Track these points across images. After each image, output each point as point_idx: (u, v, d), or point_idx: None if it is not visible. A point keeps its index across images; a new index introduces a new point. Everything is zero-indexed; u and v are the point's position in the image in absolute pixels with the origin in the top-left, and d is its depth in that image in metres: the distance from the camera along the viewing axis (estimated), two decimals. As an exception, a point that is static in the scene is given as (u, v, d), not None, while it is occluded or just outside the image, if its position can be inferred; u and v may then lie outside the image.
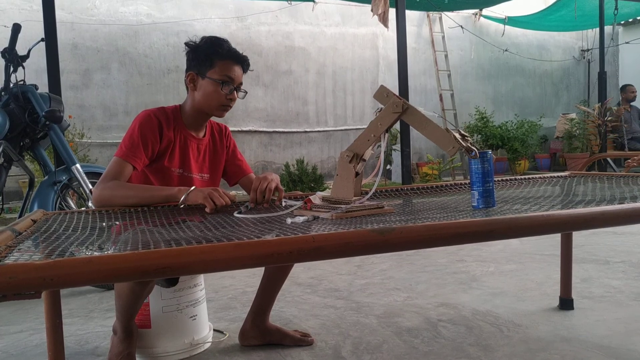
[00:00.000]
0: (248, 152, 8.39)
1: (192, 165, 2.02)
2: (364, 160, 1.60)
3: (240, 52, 2.00)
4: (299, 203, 1.67)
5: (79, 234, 1.28)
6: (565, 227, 1.19)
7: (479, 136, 9.35)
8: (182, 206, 1.75)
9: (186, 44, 1.99)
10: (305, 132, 8.97)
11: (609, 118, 8.36)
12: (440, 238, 1.04)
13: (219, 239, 1.13)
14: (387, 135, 1.53)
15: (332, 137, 9.19)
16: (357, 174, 1.59)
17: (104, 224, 1.49)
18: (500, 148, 9.27)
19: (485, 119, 9.36)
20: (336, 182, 1.59)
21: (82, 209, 3.12)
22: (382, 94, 1.53)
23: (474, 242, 1.09)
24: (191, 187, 1.77)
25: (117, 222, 1.59)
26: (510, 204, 1.62)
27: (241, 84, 2.00)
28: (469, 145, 1.42)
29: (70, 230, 1.34)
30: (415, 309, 2.53)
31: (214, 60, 1.93)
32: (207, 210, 1.68)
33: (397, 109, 1.48)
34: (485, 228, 1.06)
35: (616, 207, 1.21)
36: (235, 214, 1.62)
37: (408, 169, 5.90)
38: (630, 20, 10.98)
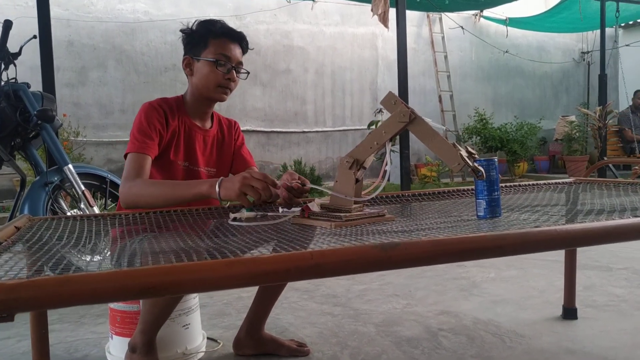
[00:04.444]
0: (245, 152, 8.31)
1: (198, 158, 1.93)
2: (365, 167, 1.53)
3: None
4: (296, 210, 1.60)
5: (64, 244, 1.21)
6: (579, 242, 1.13)
7: (478, 138, 9.29)
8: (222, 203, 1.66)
9: (181, 30, 1.90)
10: (304, 132, 8.90)
11: (610, 121, 8.33)
12: (447, 254, 0.97)
13: (211, 252, 1.06)
14: (390, 143, 1.47)
15: (330, 138, 9.12)
16: (357, 180, 1.53)
17: (91, 230, 1.42)
18: (499, 150, 9.21)
19: (484, 121, 9.30)
20: (335, 189, 1.53)
21: (71, 212, 3.05)
22: (389, 101, 1.46)
23: (483, 258, 1.03)
24: (218, 178, 1.60)
25: (110, 228, 1.52)
26: (517, 213, 1.56)
27: (241, 63, 1.90)
28: (476, 165, 1.36)
29: (54, 240, 1.27)
30: (414, 317, 2.46)
31: (207, 39, 1.84)
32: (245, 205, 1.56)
33: (403, 119, 1.41)
34: (495, 243, 1.00)
35: (631, 221, 1.15)
36: (230, 222, 1.56)
37: (407, 170, 5.84)
38: (631, 22, 10.93)
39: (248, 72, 1.94)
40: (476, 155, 1.43)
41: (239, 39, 1.90)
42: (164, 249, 1.16)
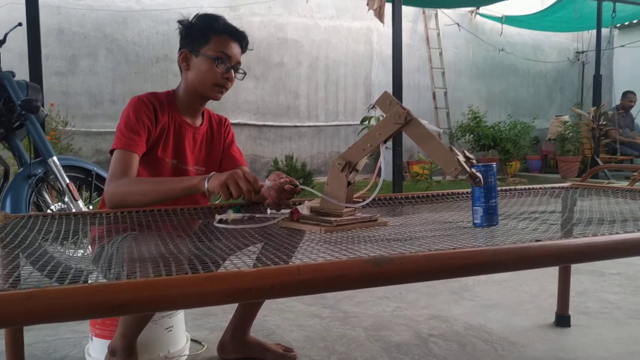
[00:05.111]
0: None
1: (187, 156, 1.84)
2: (357, 170, 1.47)
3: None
4: (285, 212, 1.54)
5: (36, 248, 1.14)
6: (583, 258, 1.07)
7: (471, 136, 9.24)
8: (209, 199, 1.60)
9: (179, 21, 1.82)
10: (296, 126, 8.81)
11: (604, 122, 8.32)
12: (445, 270, 0.91)
13: (191, 261, 1.00)
14: (384, 145, 1.40)
15: (322, 133, 9.04)
16: (349, 183, 1.46)
17: (68, 235, 1.35)
18: (492, 149, 9.17)
19: (478, 119, 9.25)
20: (326, 192, 1.46)
21: (55, 206, 2.97)
22: (384, 101, 1.39)
23: (483, 274, 0.97)
24: (209, 174, 1.55)
25: (89, 229, 1.45)
26: (514, 220, 1.50)
27: (239, 63, 1.82)
28: (474, 171, 1.30)
29: (27, 242, 1.20)
30: (405, 321, 2.40)
31: (209, 35, 1.76)
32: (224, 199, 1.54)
33: (399, 120, 1.35)
34: (496, 259, 0.94)
35: (637, 235, 1.09)
36: (215, 223, 1.49)
37: (399, 168, 5.78)
38: (627, 23, 10.90)
39: (245, 73, 1.87)
40: (474, 161, 1.37)
41: (240, 37, 1.83)
42: (142, 255, 1.10)
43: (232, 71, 1.80)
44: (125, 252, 1.15)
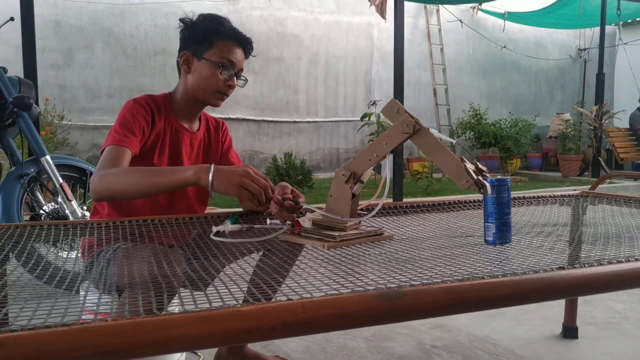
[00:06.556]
0: (235, 141, 8.06)
1: (184, 162, 1.75)
2: (362, 181, 1.39)
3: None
4: (285, 227, 1.46)
5: (13, 270, 1.06)
6: (611, 287, 1.00)
7: (472, 133, 9.16)
8: (212, 195, 1.48)
9: (181, 20, 1.72)
10: (295, 122, 8.72)
11: (607, 121, 8.24)
12: (462, 304, 0.83)
13: (184, 285, 0.92)
14: (391, 156, 1.32)
15: (322, 128, 8.95)
16: (353, 195, 1.38)
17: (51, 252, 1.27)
18: (492, 146, 9.10)
19: (478, 116, 9.17)
20: (329, 204, 1.39)
21: (48, 205, 2.89)
22: (391, 109, 1.31)
23: (501, 307, 0.89)
24: (207, 164, 1.43)
25: (77, 243, 1.38)
26: (527, 236, 1.42)
27: (242, 70, 1.75)
28: (479, 178, 1.22)
29: (8, 262, 1.12)
30: (407, 331, 2.33)
31: (213, 39, 1.67)
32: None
33: (407, 130, 1.27)
34: (516, 290, 0.86)
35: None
36: (212, 236, 1.41)
37: (400, 166, 5.70)
38: (630, 21, 10.81)
39: (246, 80, 1.78)
40: (488, 175, 1.29)
41: (245, 43, 1.74)
42: (132, 277, 1.02)
43: (235, 78, 1.72)
44: (114, 273, 1.08)
